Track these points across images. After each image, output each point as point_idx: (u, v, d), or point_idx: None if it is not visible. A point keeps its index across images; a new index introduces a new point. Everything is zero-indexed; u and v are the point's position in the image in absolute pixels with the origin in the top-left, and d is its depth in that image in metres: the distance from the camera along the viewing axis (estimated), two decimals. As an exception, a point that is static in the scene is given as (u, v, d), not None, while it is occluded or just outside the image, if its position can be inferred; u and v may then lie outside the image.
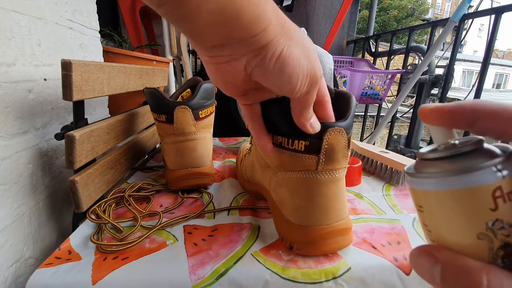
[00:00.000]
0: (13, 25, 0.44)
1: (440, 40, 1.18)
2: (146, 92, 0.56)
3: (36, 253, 0.48)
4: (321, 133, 0.31)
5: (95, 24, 0.69)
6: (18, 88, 0.44)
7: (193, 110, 0.52)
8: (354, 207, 0.49)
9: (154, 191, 0.55)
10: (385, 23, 12.10)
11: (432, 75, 1.39)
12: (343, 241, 0.35)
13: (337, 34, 1.69)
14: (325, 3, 1.78)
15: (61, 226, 0.54)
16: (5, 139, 0.42)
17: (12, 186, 0.43)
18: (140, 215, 0.45)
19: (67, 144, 0.43)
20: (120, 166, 0.59)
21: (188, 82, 0.62)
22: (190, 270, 0.34)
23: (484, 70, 1.03)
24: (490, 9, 1.02)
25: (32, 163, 0.47)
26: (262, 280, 0.33)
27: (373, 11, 2.01)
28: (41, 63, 0.50)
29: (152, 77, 0.80)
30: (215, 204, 0.51)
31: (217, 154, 0.79)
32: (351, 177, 0.57)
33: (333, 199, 0.34)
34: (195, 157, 0.53)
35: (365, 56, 1.76)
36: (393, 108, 1.36)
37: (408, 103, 2.89)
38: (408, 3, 12.06)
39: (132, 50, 1.05)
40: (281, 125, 0.34)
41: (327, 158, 0.32)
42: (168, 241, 0.40)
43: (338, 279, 0.33)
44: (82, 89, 0.45)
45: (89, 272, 0.34)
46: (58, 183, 0.53)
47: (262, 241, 0.39)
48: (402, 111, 1.80)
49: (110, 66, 0.54)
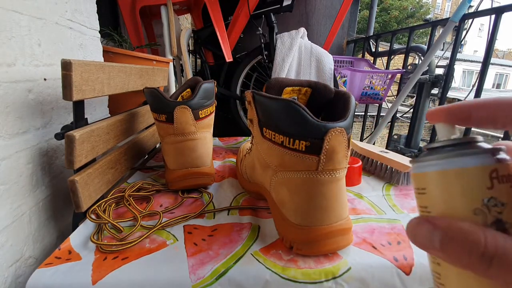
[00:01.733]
0: (13, 25, 0.44)
1: (440, 40, 1.18)
2: (146, 92, 0.56)
3: (36, 253, 0.48)
4: (322, 133, 0.31)
5: (95, 24, 0.69)
6: (18, 88, 0.44)
7: (193, 110, 0.52)
8: (354, 207, 0.49)
9: (154, 191, 0.55)
10: (386, 24, 12.09)
11: (432, 75, 1.39)
12: (343, 241, 0.35)
13: (337, 34, 1.68)
14: (325, 3, 1.78)
15: (61, 226, 0.54)
16: (5, 139, 0.42)
17: (12, 186, 0.43)
18: (140, 215, 0.45)
19: (67, 144, 0.43)
20: (120, 166, 0.59)
21: (188, 82, 0.62)
22: (190, 270, 0.34)
23: (484, 70, 1.03)
24: (490, 9, 1.02)
25: (32, 163, 0.47)
26: (262, 280, 0.33)
27: (373, 11, 2.01)
28: (41, 63, 0.50)
29: (152, 77, 0.80)
30: (215, 204, 0.51)
31: (217, 154, 0.79)
32: (351, 177, 0.57)
33: (333, 199, 0.34)
34: (195, 157, 0.53)
35: (365, 56, 1.76)
36: (393, 108, 1.36)
37: (408, 103, 2.89)
38: (409, 5, 12.06)
39: (132, 50, 1.05)
40: (283, 125, 0.34)
41: (328, 159, 0.32)
42: (168, 241, 0.39)
43: (338, 279, 0.33)
44: (82, 89, 0.45)
45: (89, 272, 0.34)
46: (58, 183, 0.53)
47: (262, 241, 0.39)
48: (402, 111, 1.80)
49: (110, 66, 0.54)
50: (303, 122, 0.32)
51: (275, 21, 1.34)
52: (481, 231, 0.14)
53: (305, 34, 1.31)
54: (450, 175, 0.16)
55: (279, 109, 0.34)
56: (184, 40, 1.25)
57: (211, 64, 1.62)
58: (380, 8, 12.09)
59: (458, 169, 0.15)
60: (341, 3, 1.55)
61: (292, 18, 1.77)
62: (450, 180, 0.16)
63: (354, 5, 1.81)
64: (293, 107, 0.32)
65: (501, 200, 0.15)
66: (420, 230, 0.16)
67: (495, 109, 0.16)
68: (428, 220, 0.16)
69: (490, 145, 0.16)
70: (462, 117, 0.17)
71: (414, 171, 0.18)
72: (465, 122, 0.17)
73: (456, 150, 0.16)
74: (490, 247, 0.13)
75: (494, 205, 0.15)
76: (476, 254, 0.14)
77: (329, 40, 1.62)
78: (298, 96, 0.43)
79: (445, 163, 0.16)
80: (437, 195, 0.16)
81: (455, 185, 0.15)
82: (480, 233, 0.14)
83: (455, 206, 0.15)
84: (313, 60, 1.27)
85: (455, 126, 0.18)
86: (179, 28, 1.36)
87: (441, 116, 0.18)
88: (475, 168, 0.15)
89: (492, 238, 0.14)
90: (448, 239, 0.15)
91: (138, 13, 1.27)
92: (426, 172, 0.17)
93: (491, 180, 0.15)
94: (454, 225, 0.15)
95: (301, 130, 0.32)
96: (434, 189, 0.16)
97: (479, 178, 0.15)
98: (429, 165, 0.17)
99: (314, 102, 0.42)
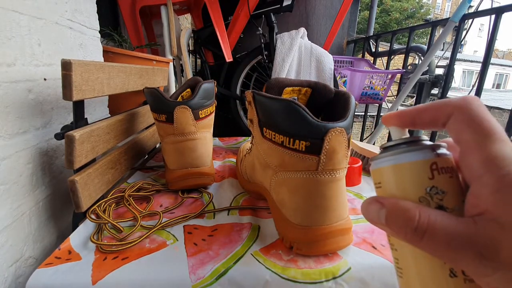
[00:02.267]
0: (13, 25, 0.44)
1: (440, 40, 1.18)
2: (146, 92, 0.56)
3: (36, 253, 0.48)
4: (322, 133, 0.31)
5: (95, 24, 0.69)
6: (18, 88, 0.44)
7: (193, 110, 0.52)
8: (354, 207, 0.49)
9: (154, 191, 0.55)
10: (386, 25, 12.08)
11: (432, 75, 1.39)
12: (343, 241, 0.35)
13: (337, 34, 1.68)
14: (325, 3, 1.78)
15: (61, 226, 0.54)
16: (5, 139, 0.42)
17: (12, 186, 0.43)
18: (140, 215, 0.44)
19: (67, 144, 0.43)
20: (120, 166, 0.59)
21: (188, 82, 0.62)
22: (190, 270, 0.34)
23: (484, 70, 1.03)
24: (490, 9, 1.02)
25: (32, 163, 0.47)
26: (262, 280, 0.33)
27: (373, 11, 2.01)
28: (41, 63, 0.50)
29: (152, 77, 0.80)
30: (215, 204, 0.51)
31: (217, 154, 0.79)
32: (351, 177, 0.57)
33: (333, 199, 0.34)
34: (195, 157, 0.53)
35: (365, 56, 1.76)
36: (393, 108, 1.36)
37: (408, 103, 2.89)
38: (410, 6, 12.06)
39: (132, 50, 1.05)
40: (284, 125, 0.34)
41: (328, 159, 0.32)
42: (168, 241, 0.39)
43: (338, 279, 0.33)
44: (82, 89, 0.45)
45: (89, 272, 0.34)
46: (58, 183, 0.53)
47: (262, 241, 0.39)
48: (402, 111, 1.80)
49: (110, 66, 0.54)
50: (303, 122, 0.32)
51: (275, 21, 1.34)
52: (417, 208, 0.16)
53: (305, 34, 1.31)
54: (399, 168, 0.18)
55: (279, 109, 0.34)
56: (184, 40, 1.25)
57: (211, 64, 1.62)
58: (381, 9, 12.08)
59: (405, 163, 0.18)
60: (341, 3, 1.55)
61: (292, 18, 1.77)
62: (399, 173, 0.18)
63: (354, 5, 1.81)
64: (293, 107, 0.32)
65: (442, 188, 0.17)
66: (370, 208, 0.18)
67: (433, 113, 0.18)
68: (377, 200, 0.18)
69: (431, 142, 0.18)
70: (408, 121, 0.20)
71: (372, 167, 0.20)
72: (411, 125, 0.20)
73: (403, 147, 0.19)
74: (422, 222, 0.16)
75: (436, 193, 0.17)
76: (411, 228, 0.16)
77: (329, 40, 1.62)
78: (298, 96, 0.43)
79: (395, 159, 0.18)
80: (390, 187, 0.19)
81: (403, 177, 0.18)
82: (416, 210, 0.16)
83: (404, 195, 0.18)
84: (313, 60, 1.27)
85: (405, 129, 0.20)
86: (179, 28, 1.36)
87: (393, 120, 0.20)
88: (418, 161, 0.17)
89: (425, 214, 0.16)
90: (391, 215, 0.17)
91: (138, 13, 1.27)
92: (380, 167, 0.19)
93: (432, 172, 0.17)
94: (397, 204, 0.17)
95: (301, 130, 0.32)
96: (387, 182, 0.19)
97: (422, 170, 0.17)
98: (383, 161, 0.19)
99: (314, 102, 0.42)
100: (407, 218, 0.16)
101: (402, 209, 0.17)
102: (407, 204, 0.17)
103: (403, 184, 0.18)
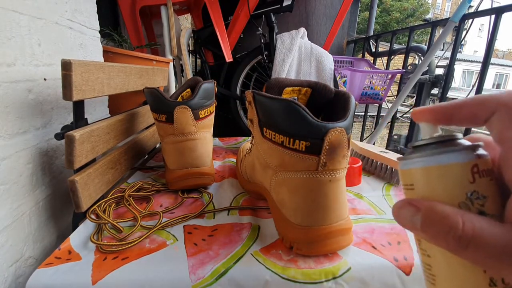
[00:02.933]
0: (13, 25, 0.44)
1: (440, 40, 1.18)
2: (146, 92, 0.56)
3: (36, 253, 0.48)
4: (322, 134, 0.31)
5: (95, 24, 0.69)
6: (18, 88, 0.44)
7: (193, 110, 0.52)
8: (354, 207, 0.49)
9: (154, 191, 0.55)
10: (386, 25, 12.08)
11: (432, 75, 1.39)
12: (343, 241, 0.35)
13: (337, 34, 1.68)
14: (325, 3, 1.78)
15: (61, 226, 0.54)
16: (5, 139, 0.42)
17: (12, 186, 0.43)
18: (140, 215, 0.44)
19: (67, 144, 0.43)
20: (120, 166, 0.59)
21: (188, 82, 0.62)
22: (190, 270, 0.34)
23: (484, 70, 1.03)
24: (490, 9, 1.02)
25: (32, 163, 0.47)
26: (262, 280, 0.33)
27: (373, 11, 2.01)
28: (41, 63, 0.50)
29: (152, 77, 0.80)
30: (215, 204, 0.51)
31: (217, 154, 0.79)
32: (351, 177, 0.57)
33: (333, 199, 0.34)
34: (195, 157, 0.53)
35: (365, 56, 1.76)
36: (393, 108, 1.36)
37: (408, 103, 2.88)
38: (410, 5, 12.06)
39: (132, 50, 1.05)
40: (284, 125, 0.34)
41: (328, 159, 0.32)
42: (168, 241, 0.39)
43: (338, 279, 0.33)
44: (82, 89, 0.45)
45: (89, 272, 0.34)
46: (58, 183, 0.53)
47: (262, 241, 0.39)
48: (402, 111, 1.80)
49: (110, 66, 0.54)
50: (303, 122, 0.32)
51: (275, 21, 1.34)
52: (460, 214, 0.15)
53: (305, 34, 1.31)
54: (437, 170, 0.16)
55: (279, 109, 0.34)
56: (184, 40, 1.25)
57: (211, 64, 1.62)
58: (381, 9, 12.08)
59: (444, 165, 0.16)
60: (341, 3, 1.55)
61: (292, 18, 1.77)
62: (434, 176, 0.16)
63: (354, 5, 1.81)
64: (293, 107, 0.32)
65: (483, 193, 0.15)
66: (403, 212, 0.17)
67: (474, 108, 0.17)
68: (411, 203, 0.17)
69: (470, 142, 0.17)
70: (445, 117, 0.18)
71: (402, 167, 0.19)
72: (447, 121, 0.18)
73: (438, 148, 0.17)
74: (467, 231, 0.14)
75: (477, 198, 0.15)
76: (454, 236, 0.14)
77: (329, 40, 1.62)
78: (298, 96, 0.43)
79: (432, 160, 0.17)
80: (424, 191, 0.17)
81: (439, 181, 0.16)
82: (459, 217, 0.15)
83: (441, 199, 0.16)
84: (313, 60, 1.27)
85: (437, 125, 0.19)
86: (179, 28, 1.36)
87: (425, 116, 0.19)
88: (458, 164, 0.16)
89: (470, 222, 0.14)
90: (428, 221, 0.16)
91: (138, 13, 1.27)
92: (413, 168, 0.18)
93: (473, 175, 0.16)
94: (434, 208, 0.16)
95: (301, 130, 0.32)
96: (421, 185, 0.17)
97: (462, 173, 0.16)
98: (416, 162, 0.17)
99: (314, 102, 0.42)
100: (449, 225, 0.15)
101: (442, 214, 0.15)
102: (446, 209, 0.15)
103: (441, 188, 0.16)
